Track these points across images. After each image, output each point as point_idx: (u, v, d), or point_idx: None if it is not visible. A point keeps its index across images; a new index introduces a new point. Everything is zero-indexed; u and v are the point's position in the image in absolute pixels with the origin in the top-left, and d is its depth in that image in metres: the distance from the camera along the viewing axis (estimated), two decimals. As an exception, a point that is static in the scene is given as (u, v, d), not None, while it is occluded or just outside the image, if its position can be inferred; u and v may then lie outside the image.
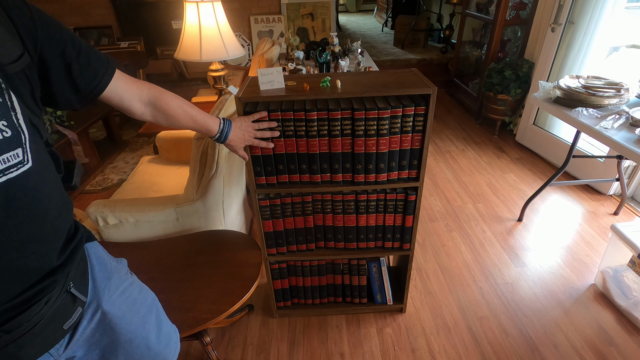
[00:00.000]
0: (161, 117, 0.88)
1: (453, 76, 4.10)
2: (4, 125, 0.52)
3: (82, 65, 0.67)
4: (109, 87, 0.74)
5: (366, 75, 1.26)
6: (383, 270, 1.51)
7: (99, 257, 0.78)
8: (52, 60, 0.62)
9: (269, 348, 1.52)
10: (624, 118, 1.56)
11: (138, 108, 0.83)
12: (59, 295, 0.64)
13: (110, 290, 0.77)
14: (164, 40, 4.05)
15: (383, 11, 6.75)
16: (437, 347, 1.50)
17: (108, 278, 0.78)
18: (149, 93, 0.84)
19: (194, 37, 1.95)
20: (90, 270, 0.75)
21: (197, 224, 1.54)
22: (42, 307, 0.61)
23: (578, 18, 2.43)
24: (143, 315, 0.84)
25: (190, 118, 0.94)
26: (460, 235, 2.10)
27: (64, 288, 0.65)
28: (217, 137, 1.01)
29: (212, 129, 0.99)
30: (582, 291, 1.73)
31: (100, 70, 0.71)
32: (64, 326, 0.66)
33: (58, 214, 0.65)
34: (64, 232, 0.67)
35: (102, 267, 0.77)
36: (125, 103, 0.80)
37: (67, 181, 0.72)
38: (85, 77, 0.68)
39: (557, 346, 1.49)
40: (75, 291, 0.68)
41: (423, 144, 1.17)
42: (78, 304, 0.69)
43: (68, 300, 0.66)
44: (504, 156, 2.91)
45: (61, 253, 0.65)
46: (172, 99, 0.89)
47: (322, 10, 3.93)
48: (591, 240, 2.03)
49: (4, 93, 0.53)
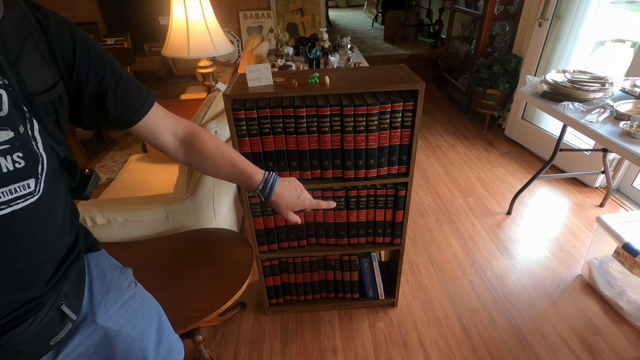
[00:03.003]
0: (196, 158, 0.77)
1: (443, 71, 4.12)
2: (19, 157, 0.50)
3: (117, 96, 0.63)
4: (143, 121, 0.69)
5: (355, 71, 1.26)
6: (374, 266, 1.52)
7: (100, 269, 0.74)
8: (87, 89, 0.59)
9: (261, 345, 1.52)
10: (609, 112, 1.59)
11: (172, 145, 0.75)
12: (47, 314, 0.60)
13: (108, 304, 0.73)
14: (151, 37, 3.98)
15: (373, 6, 6.73)
16: (429, 339, 1.52)
17: (107, 291, 0.74)
18: (185, 129, 0.76)
19: (182, 34, 1.92)
20: (88, 282, 0.71)
21: (187, 222, 1.53)
22: (27, 327, 0.57)
23: (564, 13, 2.45)
24: (143, 328, 0.80)
25: (229, 162, 0.79)
26: (451, 229, 2.12)
27: (54, 306, 0.62)
28: (260, 189, 0.82)
29: (255, 179, 0.82)
30: (569, 282, 1.77)
31: (137, 104, 0.66)
32: (51, 342, 0.63)
33: (58, 238, 0.61)
34: (61, 255, 0.63)
35: (101, 279, 0.74)
36: (159, 139, 0.73)
37: (80, 191, 0.68)
38: (119, 109, 0.64)
39: (545, 336, 1.52)
40: (66, 309, 0.64)
41: (412, 140, 1.18)
42: (67, 321, 0.65)
43: (57, 318, 0.63)
44: (493, 150, 2.94)
45: (52, 276, 0.61)
46: (211, 138, 0.79)
47: (312, 6, 3.90)
48: (578, 232, 2.07)
49: (27, 123, 0.50)
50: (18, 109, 0.49)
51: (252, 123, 1.12)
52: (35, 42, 0.51)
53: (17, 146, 0.49)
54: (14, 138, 0.49)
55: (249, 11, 3.87)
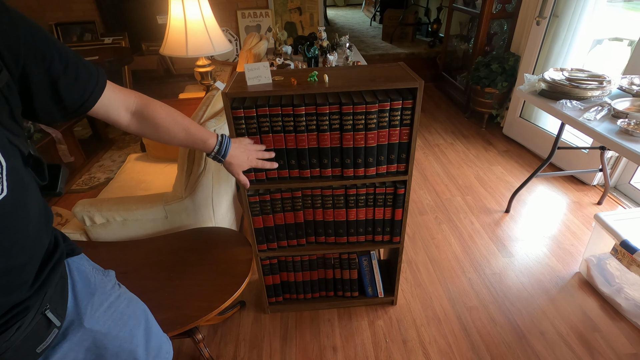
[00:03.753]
0: (149, 128, 0.79)
1: (441, 70, 4.12)
2: None
3: (69, 80, 0.60)
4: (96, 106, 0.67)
5: (354, 70, 1.26)
6: (374, 264, 1.52)
7: (82, 272, 0.73)
8: (36, 76, 0.56)
9: (261, 344, 1.52)
10: (606, 110, 1.59)
11: (124, 118, 0.76)
12: (33, 319, 0.59)
13: (94, 306, 0.72)
14: (149, 36, 3.97)
15: (371, 5, 6.73)
16: (428, 337, 1.52)
17: (91, 294, 0.73)
18: (136, 101, 0.77)
19: (180, 32, 1.92)
20: (72, 287, 0.70)
21: (186, 221, 1.53)
22: (12, 333, 0.56)
23: (562, 11, 2.46)
24: (130, 329, 0.80)
25: (183, 129, 0.84)
26: (450, 227, 2.13)
27: (39, 311, 0.60)
28: (215, 152, 0.91)
29: (209, 143, 0.89)
30: (567, 279, 1.78)
31: (90, 85, 0.64)
32: (37, 349, 0.61)
33: (34, 239, 0.59)
34: (40, 256, 0.61)
35: (85, 282, 0.72)
36: (112, 115, 0.73)
37: (51, 188, 0.64)
38: (73, 93, 0.62)
39: (543, 333, 1.52)
40: (51, 314, 0.63)
41: (411, 138, 1.18)
42: (53, 327, 0.64)
43: (42, 323, 0.61)
44: (492, 149, 2.95)
45: (35, 279, 0.59)
46: (162, 107, 0.81)
47: (310, 5, 3.90)
48: (576, 230, 2.07)
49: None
50: None
51: (251, 122, 1.12)
52: None
53: None
54: None
55: (247, 10, 3.86)
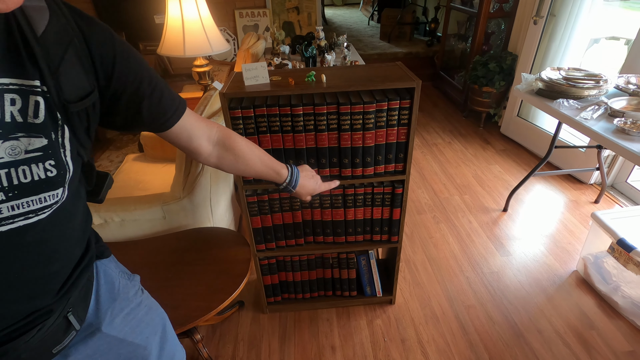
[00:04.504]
0: (229, 158, 0.80)
1: (439, 69, 4.12)
2: (50, 165, 0.49)
3: (153, 103, 0.63)
4: (177, 125, 0.69)
5: (351, 69, 1.26)
6: (372, 263, 1.53)
7: (108, 276, 0.74)
8: (124, 96, 0.59)
9: (260, 343, 1.52)
10: (603, 109, 1.60)
11: (206, 147, 0.77)
12: (54, 322, 0.59)
13: (114, 312, 0.72)
14: (146, 36, 3.96)
15: (369, 4, 6.73)
16: (426, 336, 1.53)
17: (113, 299, 0.73)
18: (218, 131, 0.78)
19: (177, 32, 1.91)
20: (96, 290, 0.70)
21: (184, 221, 1.53)
22: (33, 335, 0.57)
23: (559, 11, 2.47)
24: (147, 337, 0.79)
25: (260, 159, 0.84)
26: (448, 226, 2.13)
27: (62, 314, 0.61)
28: (286, 183, 0.89)
29: (282, 173, 0.88)
30: (564, 278, 1.78)
31: (170, 110, 0.67)
32: (53, 350, 0.62)
33: (74, 245, 0.61)
34: (73, 263, 0.62)
35: (108, 287, 0.73)
36: (194, 142, 0.74)
37: (94, 195, 0.67)
38: (154, 114, 0.65)
39: (541, 331, 1.53)
40: (72, 318, 0.63)
41: (409, 137, 1.19)
42: (72, 329, 0.64)
43: (62, 326, 0.62)
44: (489, 148, 2.95)
45: (63, 286, 0.60)
46: (242, 138, 0.83)
47: (308, 4, 3.89)
48: (573, 229, 2.08)
49: (59, 130, 0.51)
50: (52, 116, 0.50)
51: (249, 122, 1.12)
52: (76, 50, 0.51)
53: (49, 154, 0.49)
54: (47, 146, 0.49)
55: (245, 9, 3.85)
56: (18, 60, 0.46)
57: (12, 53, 0.46)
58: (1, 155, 0.45)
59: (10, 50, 0.46)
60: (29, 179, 0.48)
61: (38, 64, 0.47)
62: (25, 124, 0.47)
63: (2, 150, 0.45)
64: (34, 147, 0.48)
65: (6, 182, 0.46)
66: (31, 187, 0.48)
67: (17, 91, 0.46)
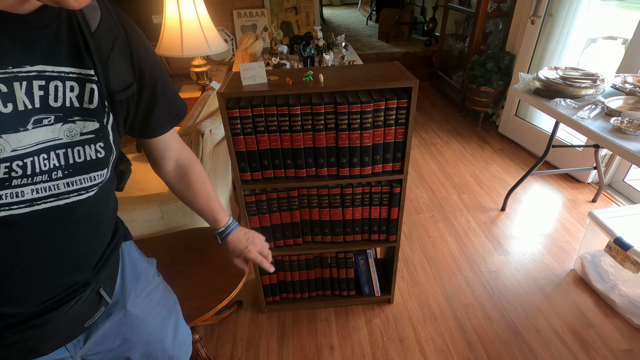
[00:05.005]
0: (182, 186, 0.82)
1: (437, 69, 4.13)
2: (100, 147, 0.56)
3: (162, 107, 0.68)
4: (164, 136, 0.73)
5: (349, 69, 1.26)
6: (370, 263, 1.53)
7: (132, 257, 0.79)
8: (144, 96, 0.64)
9: (258, 343, 1.52)
10: (600, 108, 1.60)
11: (169, 167, 0.79)
12: (89, 295, 0.65)
13: (137, 292, 0.77)
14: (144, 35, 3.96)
15: (367, 4, 6.73)
16: (424, 335, 1.53)
17: (136, 279, 0.78)
18: (187, 158, 0.81)
19: (175, 32, 1.91)
20: (121, 270, 0.76)
21: (182, 221, 1.53)
22: (71, 306, 0.62)
23: (556, 10, 2.47)
24: (162, 319, 0.84)
25: (207, 200, 0.84)
26: (446, 225, 2.14)
27: (94, 289, 0.66)
28: (220, 231, 0.88)
29: (220, 220, 0.87)
30: (562, 277, 1.79)
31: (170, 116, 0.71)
32: (85, 324, 0.67)
33: (110, 224, 0.68)
34: (108, 240, 0.68)
35: (132, 267, 0.78)
36: (165, 156, 0.77)
37: (118, 183, 0.73)
38: (159, 118, 0.69)
39: (539, 330, 1.54)
40: (104, 292, 0.69)
41: (406, 137, 1.19)
42: (102, 304, 0.70)
43: (94, 300, 0.67)
44: (487, 147, 2.96)
45: (99, 261, 0.66)
46: (202, 173, 0.84)
47: (306, 4, 3.89)
48: (571, 228, 2.09)
49: (106, 116, 0.56)
50: (102, 103, 0.56)
51: (247, 121, 1.12)
52: (120, 46, 0.58)
53: (100, 137, 0.55)
54: (98, 129, 0.55)
55: (243, 9, 3.85)
56: (78, 53, 0.53)
57: (74, 46, 0.52)
58: (60, 137, 0.51)
59: (72, 44, 0.52)
60: (82, 159, 0.54)
61: (92, 56, 0.54)
62: (82, 108, 0.53)
63: (62, 132, 0.51)
64: (88, 130, 0.54)
65: (63, 161, 0.52)
66: (84, 167, 0.54)
67: (76, 79, 0.52)
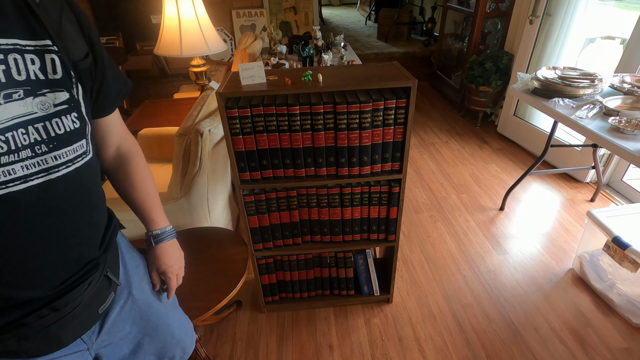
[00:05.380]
0: (119, 175, 0.78)
1: (436, 69, 4.13)
2: (75, 117, 0.56)
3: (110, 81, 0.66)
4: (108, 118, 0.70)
5: (348, 69, 1.27)
6: (369, 262, 1.53)
7: (128, 246, 0.81)
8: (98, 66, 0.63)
9: (258, 343, 1.52)
10: (598, 107, 1.61)
11: (109, 152, 0.75)
12: (99, 278, 0.67)
13: (139, 276, 0.79)
14: (143, 36, 3.94)
15: (366, 4, 6.74)
16: (423, 335, 1.54)
17: (137, 266, 0.80)
18: (130, 147, 0.77)
19: (174, 32, 1.91)
20: (121, 257, 0.77)
21: (181, 221, 1.53)
22: (85, 287, 0.64)
23: (555, 10, 2.48)
24: (166, 304, 0.87)
25: (145, 196, 0.80)
26: (445, 225, 2.14)
27: (103, 272, 0.68)
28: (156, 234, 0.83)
29: (158, 222, 0.83)
30: (560, 276, 1.80)
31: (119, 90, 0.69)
32: (99, 310, 0.69)
33: (103, 202, 0.69)
34: (105, 220, 0.70)
35: (131, 254, 0.80)
36: (106, 142, 0.73)
37: None
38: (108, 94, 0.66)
39: (537, 329, 1.54)
40: (111, 275, 0.70)
41: (405, 137, 1.19)
42: (112, 288, 0.72)
43: (105, 284, 0.69)
44: (486, 147, 2.96)
45: (103, 240, 0.68)
46: (146, 169, 0.80)
47: (305, 4, 3.90)
48: (569, 227, 2.10)
49: (74, 87, 0.56)
50: (67, 73, 0.55)
51: (246, 121, 1.12)
52: (68, 16, 0.57)
53: (72, 107, 0.55)
54: (69, 99, 0.55)
55: (242, 9, 3.85)
56: (28, 24, 0.51)
57: (22, 18, 0.51)
58: (34, 110, 0.51)
59: (20, 15, 0.50)
60: (63, 130, 0.54)
61: (44, 25, 0.52)
62: (48, 80, 0.52)
63: (35, 106, 0.51)
64: (60, 101, 0.54)
65: (45, 134, 0.52)
66: (66, 138, 0.55)
67: (34, 52, 0.51)
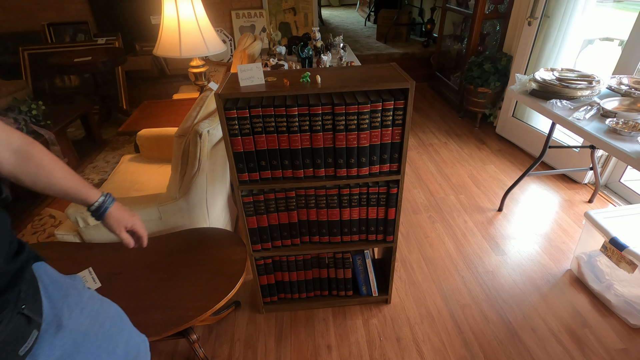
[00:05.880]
0: (30, 167, 0.74)
1: (435, 70, 4.14)
2: None
3: None
4: None
5: (346, 70, 1.27)
6: (368, 263, 1.53)
7: (51, 276, 0.74)
8: None
9: (256, 343, 1.53)
10: (595, 109, 1.62)
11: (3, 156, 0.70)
12: (12, 318, 0.60)
13: (70, 306, 0.73)
14: (142, 36, 3.95)
15: (365, 5, 6.75)
16: (422, 335, 1.54)
17: (65, 296, 0.74)
18: (20, 139, 0.73)
19: (173, 33, 1.92)
20: (44, 289, 0.71)
21: (180, 222, 1.53)
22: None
23: (553, 12, 2.49)
24: (108, 329, 0.82)
25: (68, 174, 0.78)
26: (443, 226, 2.15)
27: (16, 309, 0.62)
28: (97, 206, 0.85)
29: (91, 195, 0.83)
30: (558, 277, 1.80)
31: None
32: (20, 352, 0.62)
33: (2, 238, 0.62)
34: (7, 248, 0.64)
35: (56, 285, 0.74)
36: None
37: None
38: None
39: (535, 330, 1.55)
40: (28, 312, 0.64)
41: (403, 138, 1.20)
42: (33, 326, 0.65)
43: (22, 322, 0.63)
44: (485, 148, 2.97)
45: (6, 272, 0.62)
46: (48, 152, 0.77)
47: (304, 5, 3.90)
48: (567, 228, 2.10)
49: None
50: None
51: (244, 122, 1.12)
52: None
53: None
54: None
55: (241, 10, 3.86)
56: None
57: None
58: None
59: None
60: None
61: None
62: None
63: None
64: None
65: None
66: None
67: None
